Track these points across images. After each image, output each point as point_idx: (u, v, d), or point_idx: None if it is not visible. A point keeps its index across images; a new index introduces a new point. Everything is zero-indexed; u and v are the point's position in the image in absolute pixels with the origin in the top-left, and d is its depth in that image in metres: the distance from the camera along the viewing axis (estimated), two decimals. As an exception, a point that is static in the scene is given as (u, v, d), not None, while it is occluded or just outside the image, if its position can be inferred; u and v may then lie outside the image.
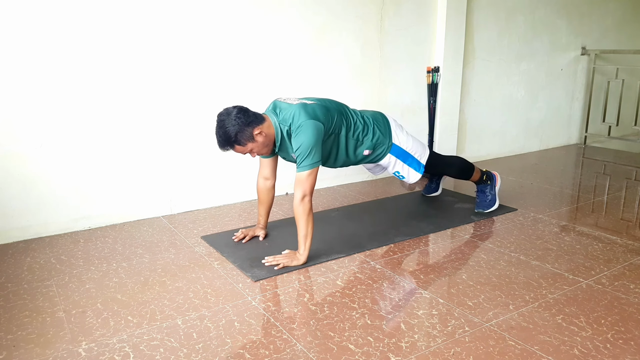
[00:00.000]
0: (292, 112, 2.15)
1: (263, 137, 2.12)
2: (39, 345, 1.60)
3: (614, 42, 5.23)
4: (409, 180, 2.57)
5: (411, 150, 2.51)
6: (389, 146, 2.45)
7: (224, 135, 2.07)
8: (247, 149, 2.12)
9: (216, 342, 1.61)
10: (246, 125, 2.07)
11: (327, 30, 3.23)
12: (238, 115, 2.06)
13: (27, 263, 2.22)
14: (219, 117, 2.10)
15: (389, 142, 2.44)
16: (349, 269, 2.14)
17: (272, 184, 2.44)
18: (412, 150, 2.52)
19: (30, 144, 2.44)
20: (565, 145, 5.08)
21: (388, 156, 2.48)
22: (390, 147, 2.45)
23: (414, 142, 2.55)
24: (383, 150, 2.45)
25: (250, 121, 2.08)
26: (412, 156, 2.52)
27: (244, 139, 2.08)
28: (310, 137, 2.10)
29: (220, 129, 2.08)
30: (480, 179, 2.87)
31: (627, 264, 2.18)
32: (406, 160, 2.51)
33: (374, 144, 2.40)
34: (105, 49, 2.53)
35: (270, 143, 2.18)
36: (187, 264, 2.21)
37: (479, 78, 4.15)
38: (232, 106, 2.12)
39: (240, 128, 2.06)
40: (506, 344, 1.58)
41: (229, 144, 2.09)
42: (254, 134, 2.09)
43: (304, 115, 2.12)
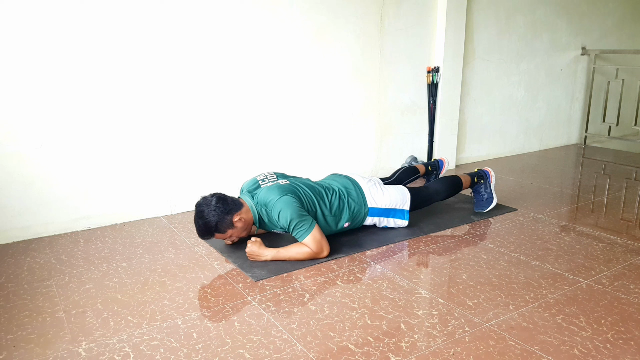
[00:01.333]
0: (265, 194, 2.21)
1: (242, 222, 2.19)
2: (39, 345, 1.60)
3: (614, 42, 5.23)
4: (399, 227, 2.59)
5: (390, 204, 2.52)
6: (366, 211, 2.48)
7: (204, 225, 2.13)
8: (227, 235, 2.20)
9: (216, 342, 1.61)
10: (226, 213, 2.13)
11: (327, 30, 3.23)
12: (217, 204, 2.12)
13: (27, 263, 2.22)
14: (197, 207, 2.16)
15: (365, 209, 2.47)
16: (349, 269, 2.14)
17: None
18: (392, 204, 2.53)
19: (30, 144, 2.45)
20: (565, 145, 5.08)
21: (370, 219, 2.52)
22: (367, 212, 2.48)
23: (390, 194, 2.53)
24: (362, 217, 2.48)
25: (230, 209, 2.15)
26: (392, 209, 2.54)
27: (224, 228, 2.15)
28: (292, 208, 2.15)
29: (199, 219, 2.13)
30: (472, 182, 2.87)
31: (627, 264, 2.18)
32: (388, 215, 2.54)
33: (352, 216, 2.43)
34: (105, 50, 2.53)
35: (249, 227, 2.25)
36: (187, 264, 2.21)
37: (479, 78, 4.15)
38: (210, 195, 2.18)
39: (220, 217, 2.12)
40: (506, 344, 1.58)
41: (209, 233, 2.16)
42: (233, 221, 2.16)
43: (277, 193, 2.19)
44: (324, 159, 3.40)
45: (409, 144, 3.84)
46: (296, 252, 2.19)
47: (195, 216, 2.15)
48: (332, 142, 3.43)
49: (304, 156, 3.30)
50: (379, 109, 3.60)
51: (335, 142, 3.44)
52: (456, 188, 2.80)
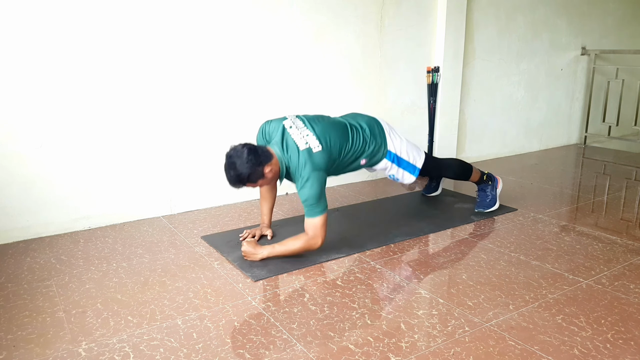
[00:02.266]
0: (298, 159, 2.18)
1: (272, 173, 2.18)
2: (39, 345, 1.60)
3: (614, 42, 5.23)
4: (404, 182, 2.61)
5: (406, 155, 2.54)
6: (384, 153, 2.48)
7: (237, 176, 2.11)
8: (257, 185, 2.19)
9: (216, 342, 1.61)
10: (257, 165, 2.11)
11: (327, 30, 3.23)
12: (249, 156, 2.09)
13: (27, 263, 2.22)
14: (228, 158, 2.12)
15: (384, 150, 2.48)
16: (349, 269, 2.14)
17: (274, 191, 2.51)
18: (407, 155, 2.54)
19: (30, 144, 2.44)
20: (565, 145, 5.08)
21: (384, 161, 2.51)
22: (385, 153, 2.49)
23: (409, 146, 2.57)
24: (379, 157, 2.49)
25: (261, 161, 2.13)
26: (406, 161, 2.54)
27: (255, 178, 2.13)
28: (317, 188, 2.15)
29: (231, 170, 2.11)
30: (481, 179, 2.88)
31: (627, 264, 2.18)
32: (401, 165, 2.54)
33: (370, 154, 2.44)
34: (105, 50, 2.53)
35: (277, 176, 2.25)
36: (187, 264, 2.21)
37: (479, 78, 4.15)
38: (240, 145, 2.13)
39: (253, 169, 2.10)
40: (506, 344, 1.58)
41: (241, 183, 2.14)
42: (264, 172, 2.14)
43: (309, 167, 2.16)
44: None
45: (409, 144, 3.84)
46: (292, 244, 2.19)
47: (227, 167, 2.12)
48: (332, 142, 3.42)
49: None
50: (379, 109, 3.60)
51: (335, 142, 3.44)
52: (466, 172, 2.82)
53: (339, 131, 2.34)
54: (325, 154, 2.23)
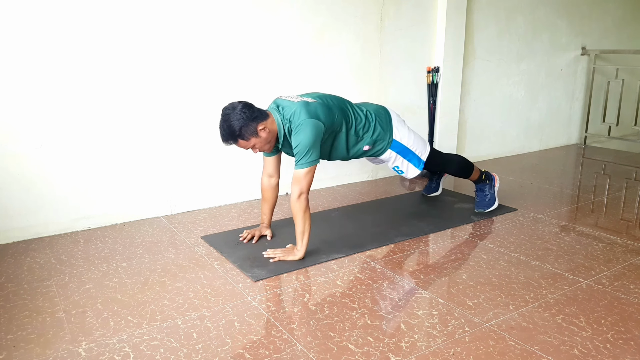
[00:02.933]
0: (293, 110, 2.16)
1: (266, 133, 2.13)
2: (39, 345, 1.60)
3: (614, 42, 5.23)
4: (407, 175, 2.58)
5: (412, 146, 2.52)
6: (390, 142, 2.45)
7: (228, 129, 2.08)
8: (250, 144, 2.13)
9: (216, 342, 1.61)
10: (251, 120, 2.08)
11: (327, 30, 3.23)
12: (243, 110, 2.07)
13: (27, 263, 2.22)
14: (223, 111, 2.11)
15: (389, 138, 2.45)
16: (349, 269, 2.14)
17: (276, 182, 2.47)
18: (413, 147, 2.52)
19: (30, 144, 2.44)
20: (565, 145, 5.08)
21: (388, 151, 2.48)
22: (390, 142, 2.46)
23: (415, 138, 2.56)
24: (383, 146, 2.46)
25: (255, 116, 2.10)
26: (412, 152, 2.52)
27: (247, 134, 2.09)
28: (309, 136, 2.11)
29: (224, 123, 2.08)
30: (479, 178, 2.88)
31: (627, 264, 2.18)
32: (406, 156, 2.52)
33: (374, 140, 2.41)
34: (105, 49, 2.53)
35: (272, 139, 2.19)
36: (187, 264, 2.21)
37: (479, 78, 4.15)
38: (237, 101, 2.13)
39: (245, 122, 2.07)
40: (506, 344, 1.58)
41: (232, 138, 2.10)
42: (257, 129, 2.10)
43: (305, 114, 2.13)
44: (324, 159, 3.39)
45: (409, 144, 3.84)
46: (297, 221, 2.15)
47: (221, 120, 2.10)
48: (332, 142, 3.42)
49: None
50: (379, 109, 3.60)
51: (335, 142, 3.44)
52: (467, 170, 2.82)
53: (341, 101, 2.32)
54: (322, 107, 2.19)
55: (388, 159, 2.52)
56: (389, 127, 2.45)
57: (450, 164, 2.82)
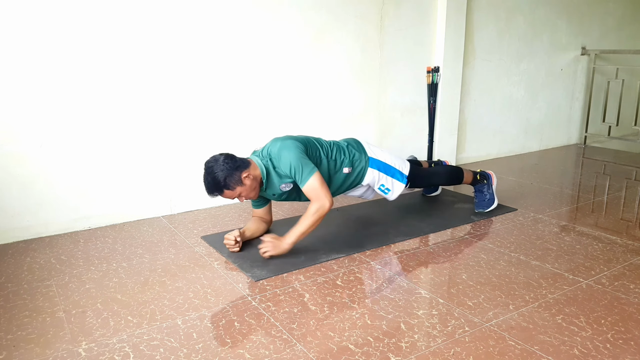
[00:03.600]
0: (269, 145, 2.26)
1: (250, 179, 2.17)
2: (39, 345, 1.60)
3: (614, 42, 5.23)
4: (394, 192, 2.55)
5: (390, 162, 2.53)
6: (367, 160, 2.47)
7: (213, 180, 2.12)
8: (236, 193, 2.17)
9: (216, 342, 1.61)
10: (234, 169, 2.12)
11: (327, 31, 3.23)
12: (225, 160, 2.12)
13: (27, 263, 2.22)
14: (206, 165, 2.16)
15: (365, 157, 2.47)
16: (349, 269, 2.14)
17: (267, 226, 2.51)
18: (392, 162, 2.54)
19: (30, 144, 2.44)
20: (565, 145, 5.08)
21: (370, 171, 2.48)
22: (368, 161, 2.47)
23: (391, 155, 2.58)
24: (363, 167, 2.46)
25: (238, 165, 2.14)
26: (392, 167, 2.53)
27: (232, 183, 2.13)
28: (295, 152, 2.17)
29: (208, 175, 2.13)
30: (475, 180, 2.87)
31: (627, 264, 2.18)
32: (388, 172, 2.53)
33: (352, 161, 2.43)
34: (106, 50, 2.53)
35: (257, 185, 2.23)
36: (187, 264, 2.21)
37: (479, 78, 4.15)
38: (219, 153, 2.18)
39: (229, 172, 2.11)
40: (506, 344, 1.58)
41: (217, 189, 2.14)
42: (242, 178, 2.14)
43: (279, 141, 2.23)
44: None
45: (409, 144, 3.84)
46: (305, 220, 2.15)
47: (204, 173, 2.14)
48: (332, 142, 3.42)
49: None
50: (379, 109, 3.60)
51: (335, 142, 3.44)
52: (457, 177, 2.81)
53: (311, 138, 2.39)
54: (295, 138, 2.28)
55: (372, 180, 2.50)
56: (362, 149, 2.49)
57: (437, 176, 2.81)
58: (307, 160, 2.18)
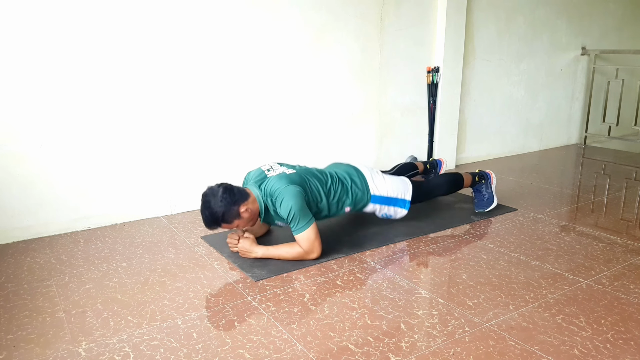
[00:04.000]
0: (272, 183, 2.21)
1: (249, 213, 2.16)
2: (39, 345, 1.60)
3: (614, 42, 5.23)
4: (397, 217, 2.59)
5: (392, 193, 2.52)
6: (369, 198, 2.47)
7: (211, 216, 2.11)
8: (234, 226, 2.18)
9: (216, 342, 1.61)
10: (232, 204, 2.11)
11: (327, 31, 3.23)
12: (224, 195, 2.11)
13: (27, 263, 2.22)
14: (204, 197, 2.14)
15: (368, 195, 2.46)
16: (349, 269, 2.14)
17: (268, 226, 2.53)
18: (394, 193, 2.53)
19: (30, 144, 2.44)
20: (565, 145, 5.08)
21: (371, 205, 2.50)
22: (369, 198, 2.47)
23: (393, 183, 2.55)
24: (364, 204, 2.48)
25: (236, 199, 2.13)
26: (394, 199, 2.53)
27: (230, 218, 2.13)
28: (295, 200, 2.14)
29: (206, 210, 2.12)
30: (474, 181, 2.87)
31: (627, 264, 2.18)
32: (390, 204, 2.54)
33: (354, 202, 2.43)
34: (106, 50, 2.53)
35: (255, 217, 2.23)
36: (187, 264, 2.21)
37: (479, 78, 4.15)
38: (217, 185, 2.16)
39: (227, 208, 2.10)
40: (506, 344, 1.58)
41: (215, 224, 2.14)
42: (240, 212, 2.13)
43: (284, 183, 2.19)
44: (324, 159, 3.39)
45: (409, 144, 3.84)
46: (286, 251, 2.19)
47: (202, 206, 2.13)
48: (332, 143, 3.42)
49: (304, 157, 3.30)
50: (379, 109, 3.60)
51: (335, 143, 3.44)
52: (457, 184, 2.81)
53: (318, 177, 2.36)
54: (299, 176, 2.26)
55: (373, 210, 2.54)
56: (365, 186, 2.46)
57: (438, 188, 2.80)
58: (306, 210, 2.17)
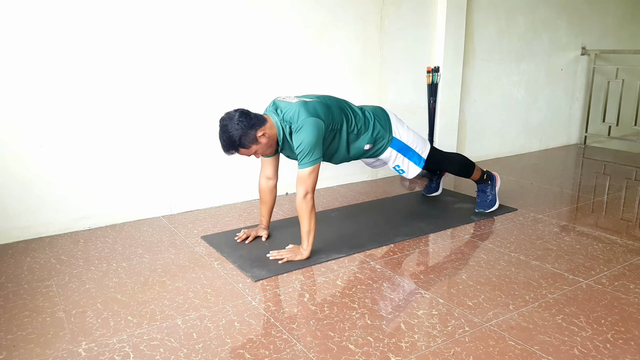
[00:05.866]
0: (293, 111, 2.16)
1: (266, 138, 2.13)
2: (39, 345, 1.60)
3: (614, 42, 5.23)
4: (408, 175, 2.57)
5: (412, 144, 2.52)
6: (390, 140, 2.45)
7: (228, 139, 2.08)
8: (252, 151, 2.14)
9: (216, 342, 1.61)
10: (249, 128, 2.08)
11: (327, 30, 3.23)
12: (240, 118, 2.08)
13: (27, 263, 2.22)
14: (221, 122, 2.11)
15: (389, 136, 2.45)
16: (349, 269, 2.14)
17: (274, 184, 2.45)
18: (413, 144, 2.52)
19: (30, 144, 2.44)
20: (565, 145, 5.08)
21: (389, 150, 2.48)
22: (390, 140, 2.46)
23: (415, 136, 2.56)
24: (383, 144, 2.46)
25: (253, 124, 2.09)
26: (412, 150, 2.52)
27: (247, 142, 2.09)
28: (311, 135, 2.11)
29: (223, 134, 2.09)
30: (481, 178, 2.87)
31: (627, 264, 2.18)
32: (407, 154, 2.52)
33: (375, 138, 2.41)
34: (106, 50, 2.53)
35: (273, 143, 2.19)
36: (187, 264, 2.21)
37: (479, 78, 4.15)
38: (234, 110, 2.13)
39: (244, 132, 2.07)
40: (506, 344, 1.58)
41: (233, 147, 2.11)
42: (257, 136, 2.10)
43: (305, 113, 2.14)
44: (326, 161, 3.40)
45: (409, 144, 3.84)
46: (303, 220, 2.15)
47: (220, 131, 2.10)
48: (332, 142, 3.42)
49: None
50: (379, 109, 3.60)
51: (335, 142, 3.44)
52: (468, 170, 2.81)
53: (339, 101, 2.32)
54: (321, 105, 2.20)
55: (388, 158, 2.52)
56: (388, 126, 2.46)
57: (451, 163, 2.81)
58: (319, 148, 2.14)
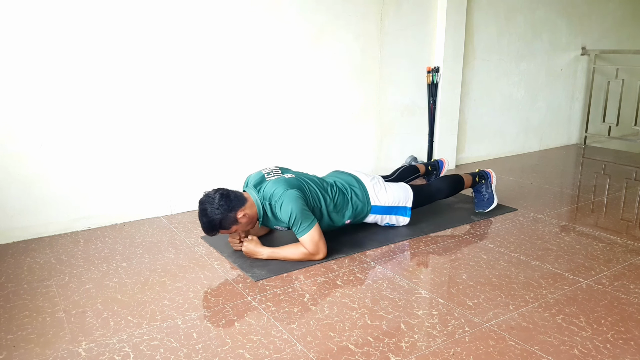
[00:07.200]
0: (271, 187, 2.21)
1: (246, 218, 2.16)
2: (39, 345, 1.60)
3: (614, 42, 5.23)
4: (399, 224, 2.59)
5: (393, 202, 2.52)
6: (369, 209, 2.47)
7: (209, 223, 2.12)
8: (232, 231, 2.18)
9: (216, 342, 1.61)
10: (229, 210, 2.11)
11: (327, 30, 3.23)
12: (220, 202, 2.10)
13: (27, 263, 2.22)
14: (200, 205, 2.14)
15: (368, 207, 2.46)
16: (349, 269, 2.14)
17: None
18: (395, 202, 2.52)
19: (30, 144, 2.44)
20: (565, 145, 5.08)
21: (372, 216, 2.51)
22: (370, 210, 2.47)
23: (394, 191, 2.53)
24: (365, 214, 2.47)
25: (233, 206, 2.12)
26: (395, 207, 2.53)
27: (228, 224, 2.13)
28: (295, 203, 2.14)
29: (203, 217, 2.12)
30: (474, 182, 2.87)
31: (627, 264, 2.18)
32: (391, 212, 2.54)
33: (355, 214, 2.43)
34: (106, 50, 2.53)
35: (253, 221, 2.23)
36: (187, 264, 2.21)
37: (479, 78, 4.15)
38: (213, 190, 2.16)
39: (224, 215, 2.10)
40: (506, 344, 1.58)
41: (214, 230, 2.14)
42: (237, 217, 2.13)
43: (283, 187, 2.18)
44: (324, 159, 3.40)
45: (409, 144, 3.84)
46: (292, 252, 2.18)
47: (199, 214, 2.14)
48: (332, 143, 3.42)
49: (304, 157, 3.30)
50: (378, 109, 3.60)
51: (335, 143, 3.44)
52: (458, 186, 2.80)
53: (318, 185, 2.34)
54: (297, 180, 2.26)
55: (374, 220, 2.54)
56: (366, 197, 2.45)
57: (439, 192, 2.77)
58: (307, 212, 2.17)
